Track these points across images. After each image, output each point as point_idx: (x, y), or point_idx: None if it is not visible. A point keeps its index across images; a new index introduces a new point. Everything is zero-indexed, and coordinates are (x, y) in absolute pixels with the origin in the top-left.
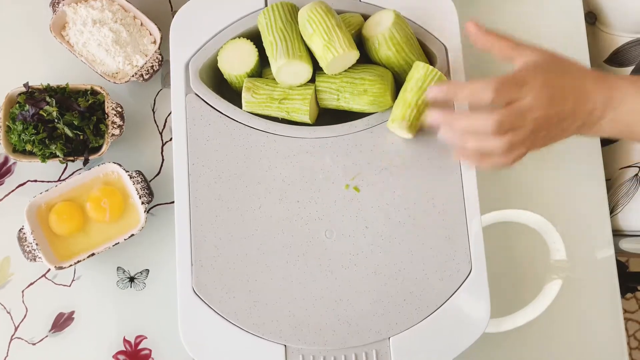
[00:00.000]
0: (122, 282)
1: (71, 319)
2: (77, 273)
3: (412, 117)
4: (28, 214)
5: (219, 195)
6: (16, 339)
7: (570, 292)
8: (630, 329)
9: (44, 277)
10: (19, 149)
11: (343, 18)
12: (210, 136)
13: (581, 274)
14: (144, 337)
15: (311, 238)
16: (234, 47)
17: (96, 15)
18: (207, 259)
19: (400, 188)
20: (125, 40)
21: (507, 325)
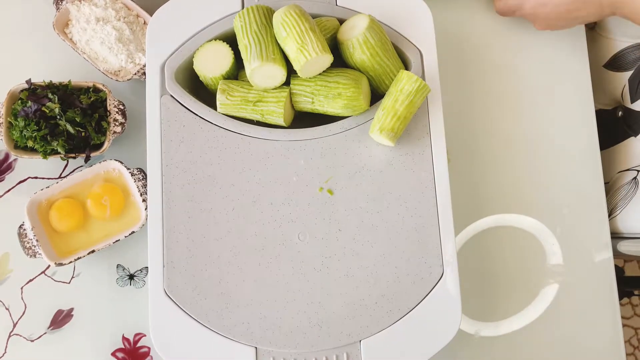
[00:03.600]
0: (122, 279)
1: (70, 316)
2: (76, 270)
3: (400, 129)
4: (28, 211)
5: (192, 197)
6: (15, 336)
7: (568, 295)
8: (625, 334)
9: (43, 274)
10: (21, 146)
11: (318, 22)
12: (184, 138)
13: (579, 277)
14: (143, 335)
15: (284, 240)
16: (210, 49)
17: (99, 13)
18: (179, 260)
19: (374, 191)
20: (128, 38)
21: (505, 329)
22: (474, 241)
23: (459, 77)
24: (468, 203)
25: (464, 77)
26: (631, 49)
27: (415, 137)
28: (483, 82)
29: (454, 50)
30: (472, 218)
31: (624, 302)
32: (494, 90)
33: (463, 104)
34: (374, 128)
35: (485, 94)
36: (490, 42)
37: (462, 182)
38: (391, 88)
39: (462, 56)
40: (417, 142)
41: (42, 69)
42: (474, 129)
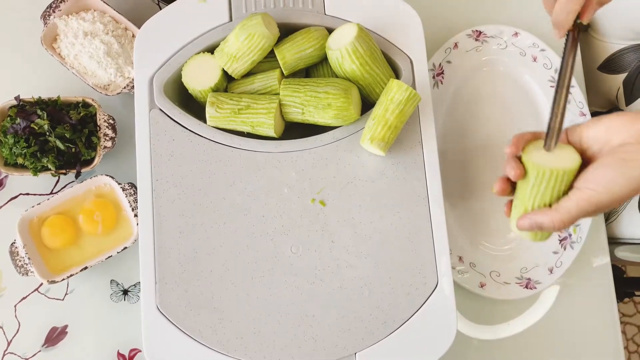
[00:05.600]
0: (116, 295)
1: (64, 333)
2: (70, 286)
3: (391, 138)
4: (20, 228)
5: (183, 211)
6: (9, 354)
7: (566, 300)
8: (628, 332)
9: (36, 291)
10: (11, 163)
11: (308, 32)
12: (174, 152)
13: (577, 281)
14: (139, 351)
15: (277, 253)
16: (198, 62)
17: (87, 27)
18: (171, 276)
19: (366, 202)
20: (116, 52)
21: (504, 333)
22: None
23: (454, 79)
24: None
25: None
26: (625, 51)
27: (407, 146)
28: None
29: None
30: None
31: (626, 301)
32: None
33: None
34: (364, 138)
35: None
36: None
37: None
38: (381, 97)
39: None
40: (409, 151)
41: (31, 85)
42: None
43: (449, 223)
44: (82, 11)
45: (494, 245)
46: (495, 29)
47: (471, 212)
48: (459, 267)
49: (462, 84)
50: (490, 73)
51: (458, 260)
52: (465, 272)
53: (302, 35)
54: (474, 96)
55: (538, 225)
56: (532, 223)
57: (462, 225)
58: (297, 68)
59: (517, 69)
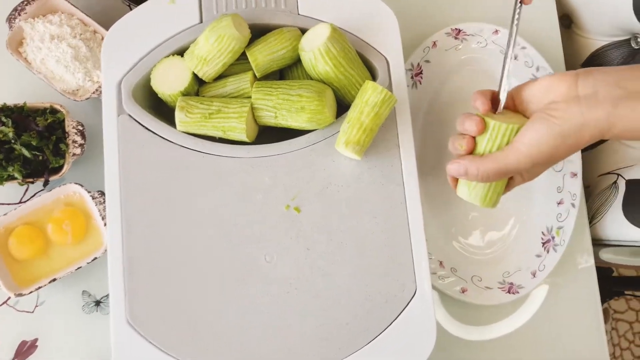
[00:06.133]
0: (88, 306)
1: (35, 346)
2: (40, 298)
3: (366, 142)
4: None
5: (153, 220)
6: None
7: (551, 303)
8: (620, 329)
9: (5, 304)
10: None
11: (280, 33)
12: (144, 158)
13: (561, 284)
14: None
15: (251, 262)
16: (167, 65)
17: (54, 30)
18: (141, 287)
19: (342, 207)
20: (85, 56)
21: (491, 334)
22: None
23: (433, 79)
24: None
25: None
26: (609, 48)
27: (384, 149)
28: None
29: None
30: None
31: (617, 297)
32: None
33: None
34: (339, 141)
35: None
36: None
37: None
38: (356, 99)
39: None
40: (386, 154)
41: None
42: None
43: (429, 227)
44: (49, 14)
45: (476, 250)
46: (475, 26)
47: (452, 215)
48: (440, 272)
49: (441, 83)
50: (470, 72)
51: (439, 265)
52: (446, 277)
53: (274, 36)
54: (454, 96)
55: (463, 170)
56: (459, 167)
57: (443, 229)
58: (270, 70)
59: (498, 67)
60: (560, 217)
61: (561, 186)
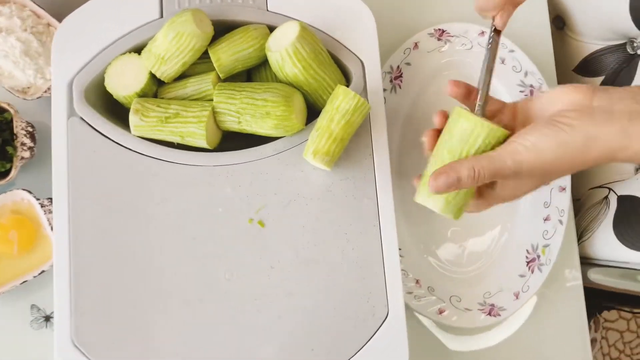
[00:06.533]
0: (37, 321)
1: None
2: None
3: (336, 152)
4: None
5: (104, 232)
6: None
7: (535, 318)
8: (610, 338)
9: None
10: None
11: (246, 30)
12: (95, 165)
13: (546, 305)
14: None
15: (209, 280)
16: (123, 64)
17: (3, 22)
18: (89, 305)
19: (311, 222)
20: (36, 51)
21: (478, 345)
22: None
23: (414, 83)
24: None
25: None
26: (603, 52)
27: (356, 160)
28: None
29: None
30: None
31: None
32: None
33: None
34: (307, 151)
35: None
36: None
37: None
38: (327, 106)
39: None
40: (359, 165)
41: None
42: None
43: (405, 242)
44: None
45: (455, 267)
46: (460, 27)
47: (431, 229)
48: (416, 292)
49: (422, 88)
50: (454, 75)
51: (415, 283)
52: (423, 297)
53: (240, 34)
54: (436, 101)
55: (456, 179)
56: (450, 176)
57: (420, 244)
58: (235, 71)
59: None
60: (547, 234)
61: (548, 201)
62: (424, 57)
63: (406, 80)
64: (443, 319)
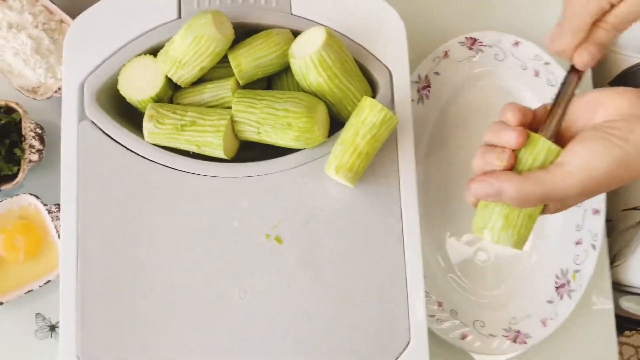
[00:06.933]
0: (42, 331)
1: None
2: None
3: (360, 168)
4: None
5: (113, 244)
6: None
7: (561, 344)
8: (625, 353)
9: None
10: None
11: (269, 35)
12: (106, 172)
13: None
14: None
15: (222, 298)
16: (138, 66)
17: (14, 17)
18: (96, 321)
19: (331, 241)
20: (47, 49)
21: None
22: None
23: (442, 94)
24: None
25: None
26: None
27: (381, 176)
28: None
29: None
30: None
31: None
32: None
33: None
34: (329, 166)
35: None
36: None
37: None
38: (352, 118)
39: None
40: (384, 182)
41: None
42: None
43: (428, 263)
44: None
45: (480, 290)
46: (493, 36)
47: (454, 249)
48: (438, 315)
49: (451, 99)
50: (484, 88)
51: (437, 306)
52: (445, 321)
53: (262, 38)
54: (464, 114)
55: (496, 191)
56: (489, 186)
57: (444, 266)
58: (256, 77)
59: (517, 84)
60: (578, 259)
61: (581, 224)
62: (454, 67)
63: (434, 90)
64: (466, 344)
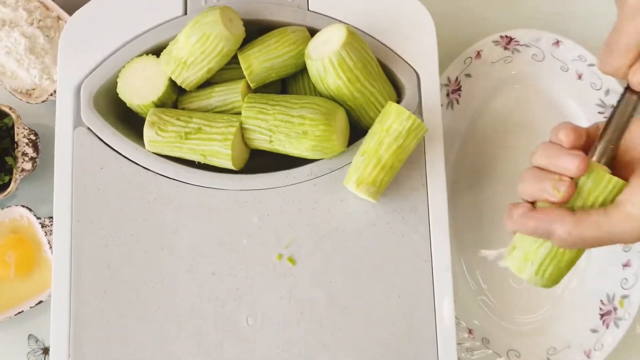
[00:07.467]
0: (34, 354)
1: None
2: None
3: (384, 182)
4: None
5: (109, 264)
6: None
7: None
8: None
9: None
10: None
11: (283, 33)
12: (102, 183)
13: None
14: None
15: (229, 325)
16: (139, 67)
17: (7, 14)
18: (90, 347)
19: (350, 262)
20: (42, 48)
21: None
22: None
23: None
24: None
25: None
26: None
27: (406, 189)
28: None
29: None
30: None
31: None
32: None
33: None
34: (350, 179)
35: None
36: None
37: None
38: (375, 126)
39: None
40: (409, 196)
41: None
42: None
43: (457, 285)
44: None
45: (515, 316)
46: (531, 35)
47: (487, 273)
48: (467, 344)
49: (484, 104)
50: (521, 91)
51: (467, 334)
52: (475, 350)
53: (275, 37)
54: (499, 121)
55: (546, 230)
56: (540, 225)
57: (475, 290)
58: (268, 80)
59: (557, 87)
60: (626, 283)
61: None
62: (487, 68)
63: (465, 94)
64: None
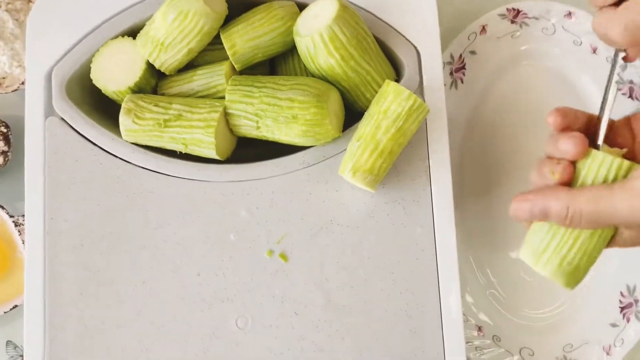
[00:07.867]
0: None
1: None
2: None
3: (383, 169)
4: None
5: (86, 264)
6: None
7: None
8: None
9: None
10: None
11: (269, 8)
12: (77, 177)
13: None
14: None
15: (216, 327)
16: (114, 51)
17: None
18: (67, 356)
19: (347, 257)
20: (12, 33)
21: None
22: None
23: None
24: None
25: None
26: None
27: (407, 177)
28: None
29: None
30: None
31: None
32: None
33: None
34: (344, 167)
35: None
36: None
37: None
38: (372, 107)
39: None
40: (411, 185)
41: None
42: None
43: (464, 279)
44: None
45: (528, 311)
46: (540, 6)
47: (497, 266)
48: (477, 342)
49: (490, 83)
50: (530, 68)
51: (477, 331)
52: (485, 349)
53: (261, 13)
54: (507, 101)
55: (541, 210)
56: (536, 205)
57: (484, 284)
58: (255, 60)
59: (569, 62)
60: None
61: None
62: (494, 44)
63: (470, 73)
64: None
